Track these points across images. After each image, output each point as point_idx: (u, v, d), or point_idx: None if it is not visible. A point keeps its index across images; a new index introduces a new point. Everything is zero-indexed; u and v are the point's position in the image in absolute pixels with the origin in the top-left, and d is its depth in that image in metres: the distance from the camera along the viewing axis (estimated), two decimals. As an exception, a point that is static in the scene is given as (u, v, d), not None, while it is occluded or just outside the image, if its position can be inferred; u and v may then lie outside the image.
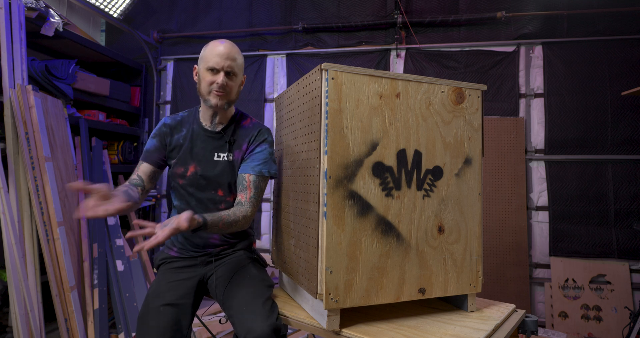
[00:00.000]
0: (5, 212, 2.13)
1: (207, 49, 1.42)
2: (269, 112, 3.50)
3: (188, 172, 1.46)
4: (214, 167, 1.46)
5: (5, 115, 2.24)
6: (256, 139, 1.48)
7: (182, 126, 1.50)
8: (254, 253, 1.59)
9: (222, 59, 1.38)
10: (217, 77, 1.38)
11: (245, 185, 1.40)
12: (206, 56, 1.40)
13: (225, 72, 1.39)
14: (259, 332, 1.16)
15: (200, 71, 1.43)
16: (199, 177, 1.45)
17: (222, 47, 1.40)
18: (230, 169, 1.46)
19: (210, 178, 1.45)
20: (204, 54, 1.42)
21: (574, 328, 2.79)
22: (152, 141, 1.48)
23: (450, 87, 1.29)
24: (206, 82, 1.39)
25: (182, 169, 1.46)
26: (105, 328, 2.46)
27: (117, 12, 3.60)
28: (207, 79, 1.39)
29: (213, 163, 1.46)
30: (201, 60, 1.43)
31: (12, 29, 2.32)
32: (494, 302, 1.43)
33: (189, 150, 1.47)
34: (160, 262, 1.52)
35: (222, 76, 1.38)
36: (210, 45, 1.43)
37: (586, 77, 2.95)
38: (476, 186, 1.33)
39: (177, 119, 1.51)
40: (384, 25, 3.30)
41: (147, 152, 1.47)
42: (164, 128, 1.49)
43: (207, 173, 1.45)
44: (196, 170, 1.45)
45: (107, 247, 2.73)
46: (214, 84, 1.38)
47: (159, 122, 1.52)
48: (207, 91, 1.40)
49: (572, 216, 2.92)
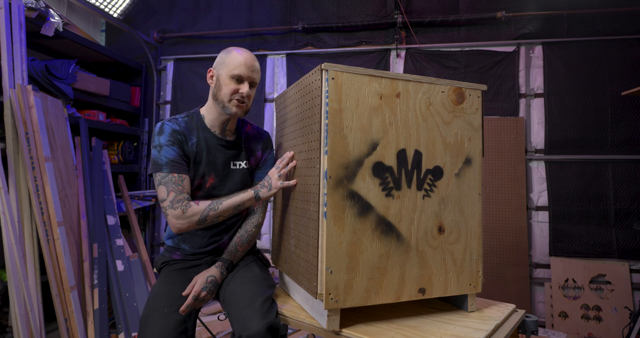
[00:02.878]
0: (5, 212, 2.13)
1: (230, 56, 1.39)
2: (269, 112, 3.50)
3: (207, 184, 1.42)
4: (233, 176, 1.46)
5: (5, 115, 2.24)
6: (267, 145, 1.56)
7: (190, 133, 1.40)
8: (258, 253, 1.59)
9: (248, 70, 1.38)
10: (242, 87, 1.37)
11: None
12: (231, 63, 1.37)
13: (249, 83, 1.40)
14: (254, 330, 1.16)
15: (221, 76, 1.38)
16: (220, 186, 1.43)
17: (248, 57, 1.39)
18: (248, 176, 1.50)
19: (230, 187, 1.45)
20: (227, 60, 1.38)
21: (574, 328, 2.79)
22: (172, 149, 1.34)
23: (450, 87, 1.29)
24: (229, 90, 1.36)
25: (200, 182, 1.41)
26: (105, 328, 2.46)
27: (117, 12, 3.60)
28: (231, 87, 1.36)
29: (231, 172, 1.46)
30: (222, 65, 1.39)
31: (12, 29, 2.33)
32: (494, 302, 1.43)
33: (206, 161, 1.41)
34: (163, 265, 1.50)
35: (246, 86, 1.38)
36: (234, 52, 1.40)
37: (586, 77, 2.95)
38: (476, 186, 1.33)
39: (182, 125, 1.40)
40: (384, 25, 3.30)
41: (175, 162, 1.32)
42: (177, 135, 1.36)
43: (227, 183, 1.44)
44: (215, 181, 1.43)
45: (107, 247, 2.72)
46: (237, 93, 1.37)
47: (163, 128, 1.37)
48: (229, 98, 1.37)
49: (572, 216, 2.92)
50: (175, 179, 1.31)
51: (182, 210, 1.27)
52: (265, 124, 3.48)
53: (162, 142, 1.34)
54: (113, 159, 3.34)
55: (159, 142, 1.34)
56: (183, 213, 1.27)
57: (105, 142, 3.29)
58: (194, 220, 1.29)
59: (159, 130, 1.37)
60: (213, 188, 1.43)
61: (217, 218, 1.33)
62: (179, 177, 1.32)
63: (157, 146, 1.34)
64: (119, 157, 3.37)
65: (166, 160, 1.32)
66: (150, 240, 3.67)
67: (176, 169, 1.32)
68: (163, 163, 1.32)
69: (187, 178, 1.35)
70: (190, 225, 1.29)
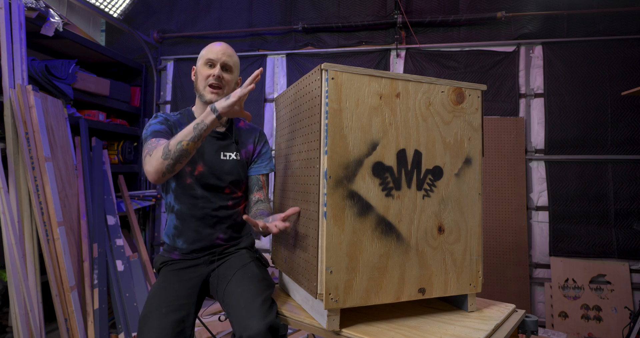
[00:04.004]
0: (5, 212, 2.13)
1: (204, 49, 1.52)
2: (269, 112, 3.50)
3: (196, 171, 1.45)
4: (223, 165, 1.48)
5: (5, 115, 2.24)
6: (260, 139, 1.59)
7: (179, 126, 1.47)
8: (256, 252, 1.59)
9: (219, 53, 1.47)
10: (214, 70, 1.45)
11: (261, 185, 1.55)
12: (203, 54, 1.49)
13: (221, 66, 1.46)
14: (254, 331, 1.16)
15: (197, 68, 1.50)
16: (208, 175, 1.46)
17: (218, 45, 1.50)
18: (239, 167, 1.51)
19: (220, 176, 1.47)
20: (201, 53, 1.51)
21: (574, 328, 2.79)
22: (160, 126, 1.42)
23: (450, 87, 1.29)
24: (202, 76, 1.46)
25: (189, 169, 1.45)
26: (105, 328, 2.46)
27: (117, 12, 3.60)
28: (204, 73, 1.45)
29: (221, 161, 1.49)
30: (199, 59, 1.51)
31: (12, 29, 2.33)
32: (494, 302, 1.43)
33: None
34: (162, 265, 1.50)
35: (218, 68, 1.45)
36: (208, 45, 1.52)
37: (586, 77, 2.95)
38: (476, 186, 1.33)
39: (174, 119, 1.50)
40: (384, 25, 3.30)
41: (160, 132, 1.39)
42: (168, 122, 1.46)
43: (217, 171, 1.47)
44: (204, 169, 1.46)
45: (107, 247, 2.72)
46: (210, 77, 1.44)
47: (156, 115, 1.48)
48: (203, 85, 1.46)
49: (572, 216, 2.92)
50: (154, 142, 1.34)
51: (150, 154, 1.27)
52: (265, 124, 3.48)
53: (152, 122, 1.45)
54: (113, 159, 3.34)
55: (149, 123, 1.45)
56: (150, 155, 1.27)
57: (105, 142, 3.29)
58: (159, 156, 1.24)
59: (153, 117, 1.48)
60: (202, 176, 1.45)
61: (181, 145, 1.23)
62: (156, 140, 1.34)
63: (148, 125, 1.44)
64: (119, 157, 3.37)
65: (151, 131, 1.39)
66: (150, 240, 3.67)
67: (158, 135, 1.38)
68: (148, 134, 1.39)
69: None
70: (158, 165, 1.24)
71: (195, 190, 1.46)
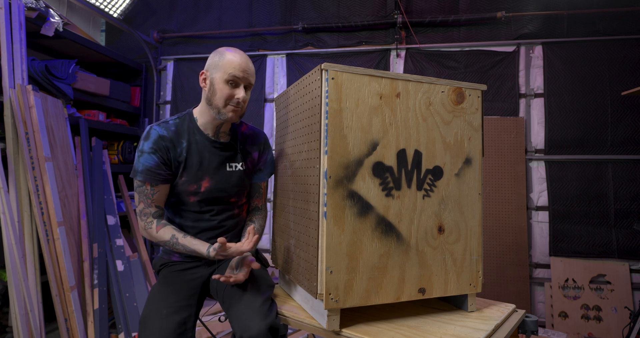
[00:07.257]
0: (5, 212, 2.13)
1: (224, 59, 1.32)
2: (269, 113, 3.50)
3: (202, 188, 1.39)
4: (229, 178, 1.43)
5: (5, 115, 2.24)
6: (265, 146, 1.55)
7: (180, 138, 1.37)
8: (257, 253, 1.59)
9: (244, 73, 1.31)
10: (238, 92, 1.32)
11: (261, 191, 1.56)
12: (224, 66, 1.30)
13: (244, 86, 1.34)
14: (255, 331, 1.16)
15: (215, 80, 1.32)
16: (215, 190, 1.41)
17: (243, 59, 1.33)
18: (245, 177, 1.49)
19: (227, 189, 1.43)
20: (220, 63, 1.31)
21: (574, 328, 2.79)
22: (151, 158, 1.31)
23: (450, 87, 1.29)
24: (224, 95, 1.31)
25: (194, 187, 1.38)
26: (105, 328, 2.46)
27: (117, 12, 3.60)
28: (226, 92, 1.30)
29: (227, 174, 1.43)
30: (216, 68, 1.32)
31: (12, 29, 2.32)
32: (494, 302, 1.43)
33: (198, 165, 1.38)
34: (161, 267, 1.50)
35: (242, 91, 1.32)
36: (227, 54, 1.33)
37: (586, 77, 2.95)
38: (476, 186, 1.33)
39: (172, 129, 1.36)
40: (384, 25, 3.30)
41: (150, 171, 1.30)
42: (162, 141, 1.33)
43: (224, 186, 1.42)
44: (211, 184, 1.40)
45: (107, 247, 2.72)
46: (233, 99, 1.32)
47: (149, 133, 1.33)
48: (224, 104, 1.32)
49: (572, 216, 2.92)
50: (147, 191, 1.33)
51: (144, 225, 1.35)
52: (265, 124, 3.48)
53: (144, 148, 1.32)
54: (113, 159, 3.34)
55: (142, 147, 1.33)
56: (145, 228, 1.35)
57: (105, 142, 3.29)
58: (152, 238, 1.36)
59: (146, 135, 1.34)
60: (209, 192, 1.40)
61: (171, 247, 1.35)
62: (151, 190, 1.33)
63: (139, 151, 1.33)
64: (119, 157, 3.37)
65: (142, 168, 1.31)
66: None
67: (150, 179, 1.31)
68: (139, 170, 1.32)
69: (161, 188, 1.35)
70: (151, 239, 1.36)
71: (200, 206, 1.42)
